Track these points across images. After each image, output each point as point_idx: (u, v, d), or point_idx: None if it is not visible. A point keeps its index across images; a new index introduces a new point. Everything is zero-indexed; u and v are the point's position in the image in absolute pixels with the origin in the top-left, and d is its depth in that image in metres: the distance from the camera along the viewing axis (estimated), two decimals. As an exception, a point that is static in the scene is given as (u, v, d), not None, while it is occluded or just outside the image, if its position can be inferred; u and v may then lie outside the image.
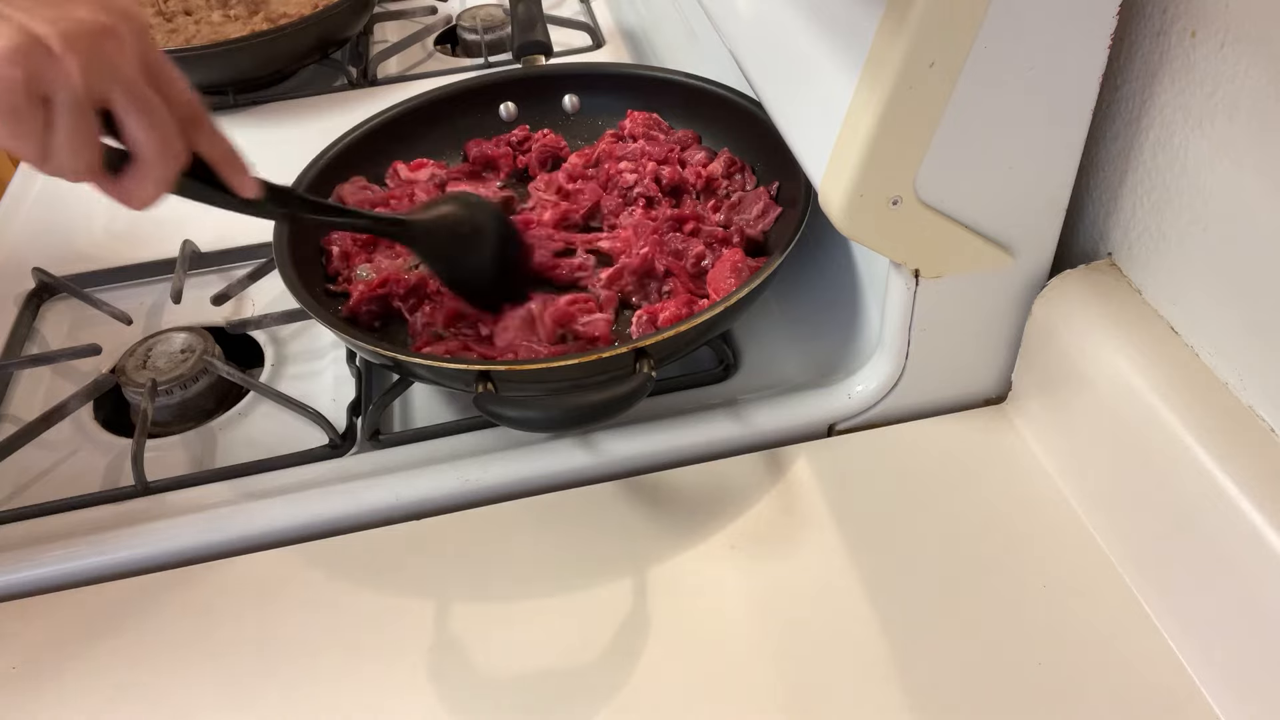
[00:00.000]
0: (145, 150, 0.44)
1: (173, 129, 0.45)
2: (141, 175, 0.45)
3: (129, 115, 0.43)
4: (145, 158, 0.44)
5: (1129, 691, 0.47)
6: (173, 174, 0.46)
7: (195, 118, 0.47)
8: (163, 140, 0.44)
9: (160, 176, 0.45)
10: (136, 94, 0.43)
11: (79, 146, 0.42)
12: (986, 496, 0.56)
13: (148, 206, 0.46)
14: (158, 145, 0.44)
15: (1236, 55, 0.43)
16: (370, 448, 0.62)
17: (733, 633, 0.50)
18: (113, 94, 0.42)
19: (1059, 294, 0.55)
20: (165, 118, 0.44)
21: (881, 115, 0.46)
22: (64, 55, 0.40)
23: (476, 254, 0.63)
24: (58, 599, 0.54)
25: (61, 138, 0.41)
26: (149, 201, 0.46)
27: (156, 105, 0.44)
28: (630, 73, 0.82)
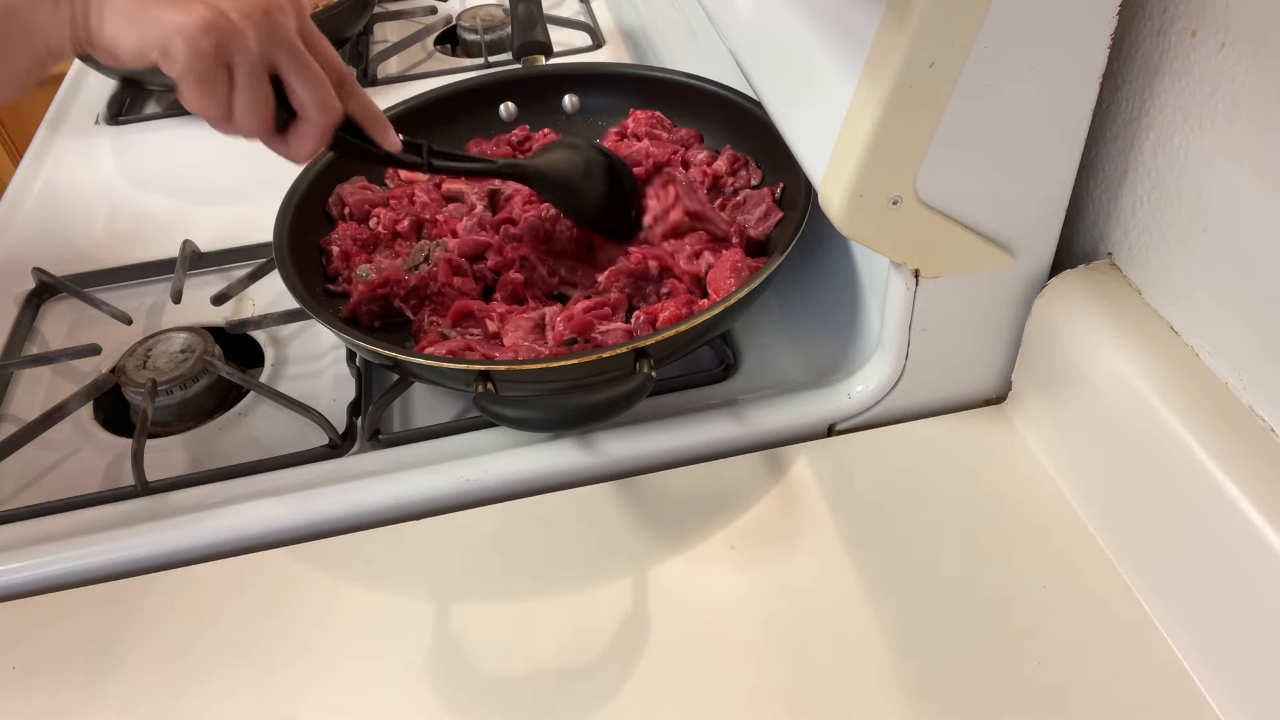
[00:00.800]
0: (308, 108, 0.50)
1: (329, 89, 0.51)
2: (305, 131, 0.51)
3: (295, 77, 0.50)
4: (308, 115, 0.51)
5: (1128, 691, 0.47)
6: (330, 129, 0.52)
7: (344, 81, 0.54)
8: (322, 99, 0.51)
9: (320, 131, 0.51)
10: (300, 59, 0.49)
11: (256, 106, 0.49)
12: (986, 496, 0.56)
13: (308, 159, 0.53)
14: (318, 103, 0.50)
15: (1236, 55, 0.43)
16: (370, 448, 0.62)
17: (732, 632, 0.50)
18: (281, 59, 0.49)
19: (1059, 294, 0.55)
20: (323, 80, 0.51)
21: (881, 115, 0.46)
22: (244, 26, 0.47)
23: (590, 187, 0.67)
24: (58, 599, 0.54)
25: (243, 98, 0.48)
26: (310, 154, 0.53)
27: (316, 69, 0.50)
28: (630, 73, 0.82)
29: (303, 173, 0.70)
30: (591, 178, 0.68)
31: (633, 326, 0.61)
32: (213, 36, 0.46)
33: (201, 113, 0.48)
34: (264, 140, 0.52)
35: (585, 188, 0.68)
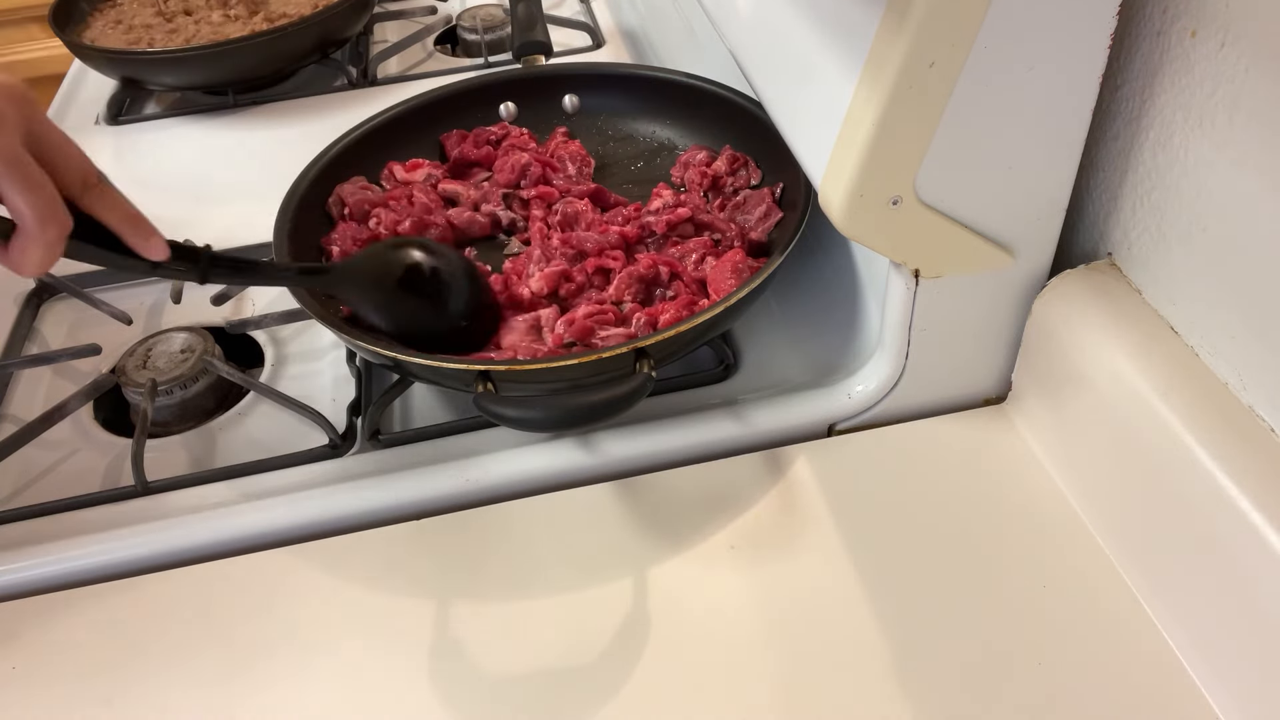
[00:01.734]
0: (25, 220, 0.44)
1: (53, 198, 0.45)
2: (25, 243, 0.45)
3: (4, 185, 0.43)
4: (26, 227, 0.44)
5: (1129, 691, 0.47)
6: (56, 241, 0.45)
7: (89, 184, 0.48)
8: (43, 209, 0.44)
9: (45, 244, 0.45)
10: (12, 164, 0.43)
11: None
12: (986, 496, 0.56)
13: (38, 273, 0.46)
14: (38, 214, 0.44)
15: (1236, 55, 0.43)
16: (370, 448, 0.62)
17: (732, 633, 0.50)
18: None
19: (1059, 294, 0.55)
20: (42, 184, 0.44)
21: (881, 115, 0.46)
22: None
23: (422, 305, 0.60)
24: (58, 599, 0.54)
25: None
26: (38, 269, 0.46)
27: (33, 174, 0.44)
28: (630, 73, 0.82)
29: (303, 173, 0.70)
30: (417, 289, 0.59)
31: (633, 330, 0.61)
32: None
33: None
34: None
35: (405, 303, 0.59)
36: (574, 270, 0.65)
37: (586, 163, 0.77)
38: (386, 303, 0.60)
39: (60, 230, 0.46)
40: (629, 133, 0.81)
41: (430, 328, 0.60)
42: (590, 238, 0.67)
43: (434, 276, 0.60)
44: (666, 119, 0.80)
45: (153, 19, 1.04)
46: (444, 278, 0.61)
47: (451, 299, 0.61)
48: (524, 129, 0.80)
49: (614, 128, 0.81)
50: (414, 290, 0.60)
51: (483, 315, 0.62)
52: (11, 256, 0.46)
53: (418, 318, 0.60)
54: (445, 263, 0.61)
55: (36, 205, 0.44)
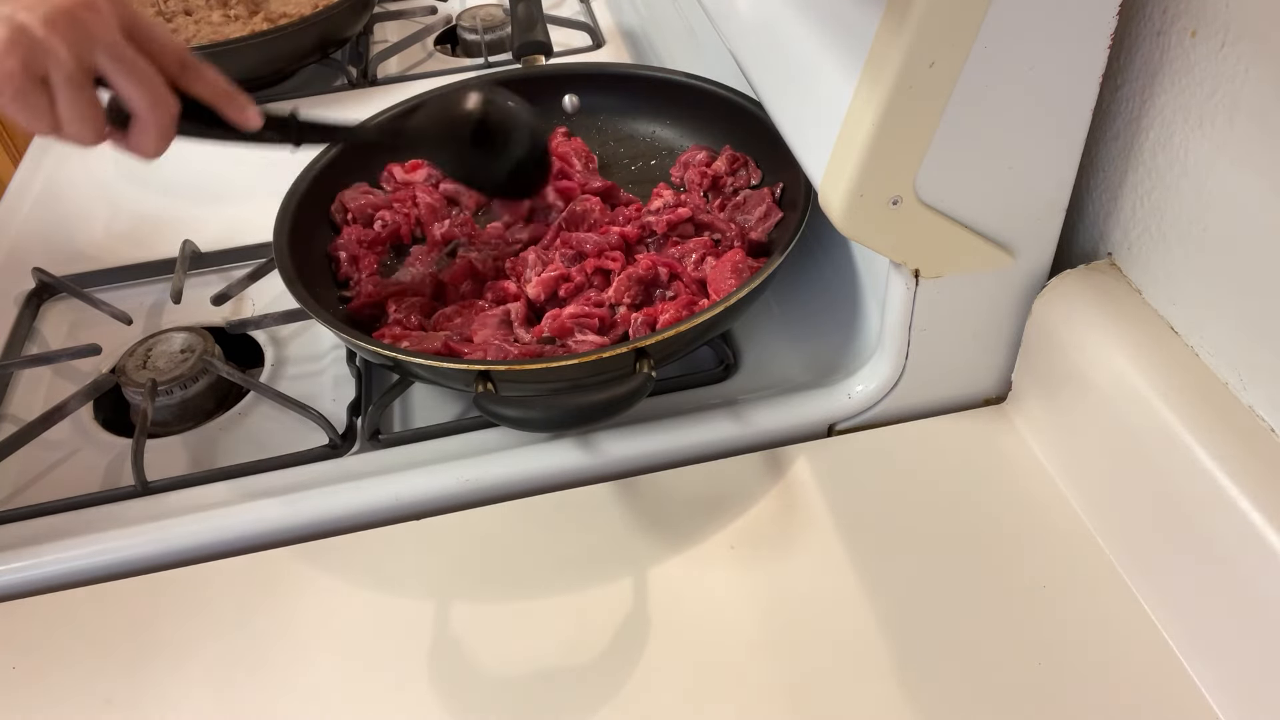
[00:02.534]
0: (138, 105, 0.48)
1: (159, 82, 0.48)
2: (142, 128, 0.49)
3: (116, 78, 0.47)
4: (140, 112, 0.48)
5: (1128, 691, 0.47)
6: (169, 121, 0.49)
7: (184, 63, 0.50)
8: (152, 93, 0.48)
9: (159, 125, 0.49)
10: (120, 57, 0.46)
11: (84, 114, 0.46)
12: (986, 496, 0.56)
13: (157, 155, 0.50)
14: (149, 99, 0.48)
15: (1236, 55, 0.43)
16: (370, 448, 0.62)
17: (732, 632, 0.50)
18: (98, 60, 0.46)
19: (1059, 294, 0.55)
20: (150, 73, 0.48)
21: (881, 115, 0.46)
22: (49, 37, 0.44)
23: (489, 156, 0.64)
24: (58, 599, 0.54)
25: (67, 110, 0.46)
26: (157, 151, 0.50)
27: (140, 63, 0.47)
28: (630, 73, 0.82)
29: (303, 172, 0.70)
30: (485, 142, 0.63)
31: (615, 336, 0.61)
32: (17, 54, 0.43)
33: (29, 129, 0.47)
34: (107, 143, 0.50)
35: (475, 155, 0.63)
36: (573, 270, 0.65)
37: (591, 159, 0.77)
38: (458, 153, 0.64)
39: (170, 114, 0.49)
40: (629, 133, 0.81)
41: (493, 172, 0.64)
42: (590, 239, 0.67)
43: (499, 128, 0.63)
44: (666, 119, 0.80)
45: (152, 19, 1.04)
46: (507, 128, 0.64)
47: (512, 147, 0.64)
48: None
49: (614, 128, 0.81)
50: (481, 141, 0.63)
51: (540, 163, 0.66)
52: (131, 142, 0.50)
53: (484, 164, 0.64)
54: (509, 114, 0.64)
55: (146, 93, 0.48)
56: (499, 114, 0.63)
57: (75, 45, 0.45)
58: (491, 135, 0.63)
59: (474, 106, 0.63)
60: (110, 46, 0.46)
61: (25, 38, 0.44)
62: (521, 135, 0.64)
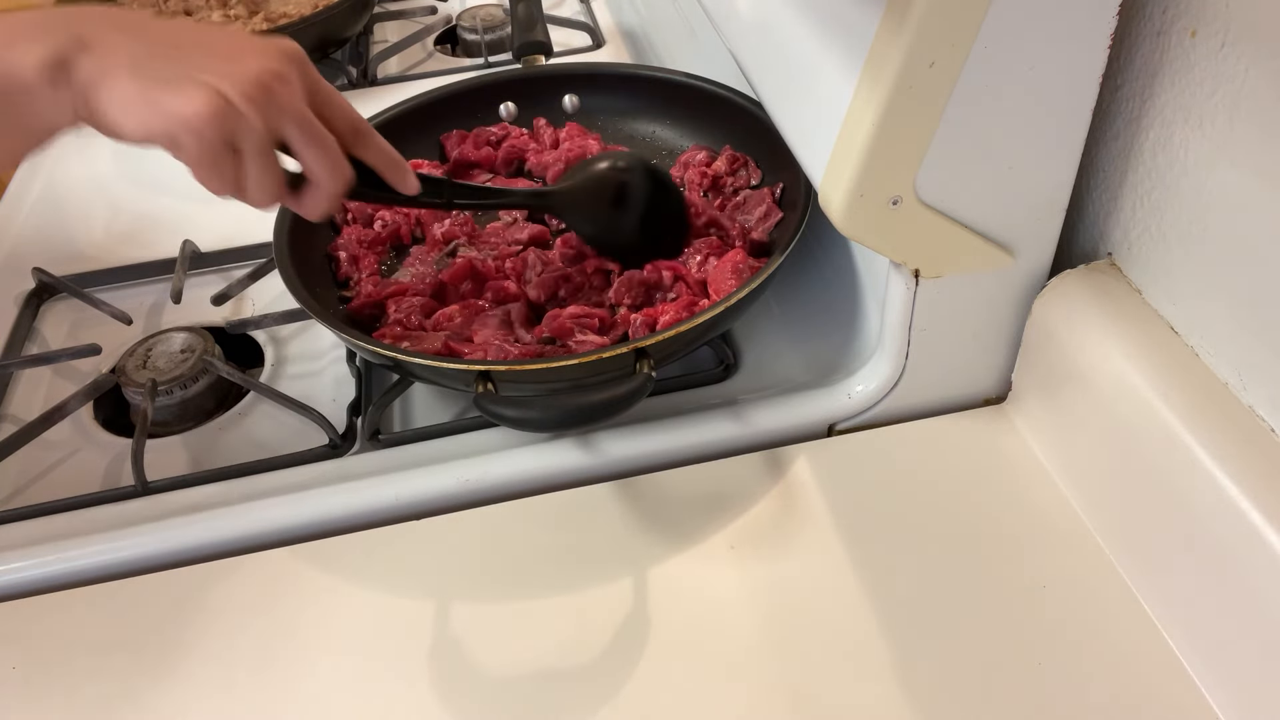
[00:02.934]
0: (317, 174, 0.50)
1: (338, 154, 0.50)
2: (317, 194, 0.51)
3: (302, 149, 0.49)
4: (318, 180, 0.50)
5: (1129, 691, 0.47)
6: (342, 189, 0.51)
7: (358, 131, 0.53)
8: (331, 164, 0.50)
9: (333, 195, 0.51)
10: (306, 129, 0.48)
11: (265, 181, 0.48)
12: (986, 496, 0.56)
13: (325, 217, 0.53)
14: (327, 169, 0.50)
15: (1236, 55, 0.43)
16: (370, 448, 0.62)
17: (732, 632, 0.50)
18: (286, 131, 0.48)
19: (1059, 294, 0.55)
20: (331, 144, 0.49)
21: (881, 115, 0.46)
22: (247, 110, 0.45)
23: (626, 216, 0.65)
24: (58, 599, 0.54)
25: (252, 177, 0.48)
26: (326, 214, 0.52)
27: (323, 134, 0.49)
28: (630, 73, 0.82)
29: (303, 173, 0.70)
30: (628, 203, 0.65)
31: (615, 336, 0.61)
32: (217, 125, 0.45)
33: (213, 191, 0.48)
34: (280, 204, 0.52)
35: (618, 216, 0.65)
36: (573, 271, 0.65)
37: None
38: (602, 219, 0.65)
39: (346, 183, 0.51)
40: (629, 133, 0.81)
41: (633, 238, 0.66)
42: None
43: (638, 193, 0.65)
44: (666, 119, 0.80)
45: (152, 19, 1.04)
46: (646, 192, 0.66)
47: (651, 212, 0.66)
48: (524, 129, 0.80)
49: (614, 128, 0.81)
50: (623, 206, 0.65)
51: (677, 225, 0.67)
52: (303, 204, 0.51)
53: (625, 230, 0.66)
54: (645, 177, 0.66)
55: (327, 164, 0.50)
56: (641, 176, 0.66)
57: (268, 118, 0.46)
58: (633, 197, 0.65)
59: (618, 169, 0.66)
60: (298, 118, 0.48)
61: (228, 108, 0.45)
62: (665, 196, 0.66)
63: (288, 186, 0.50)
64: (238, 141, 0.46)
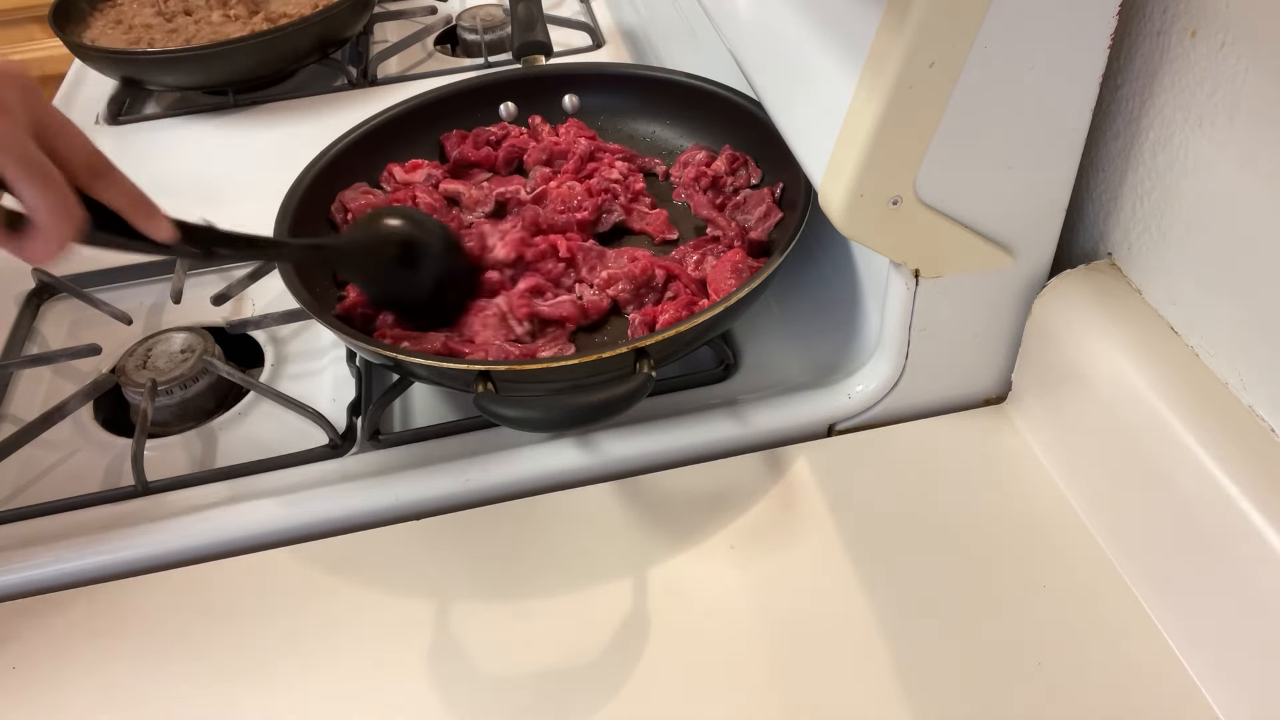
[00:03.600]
0: (39, 215, 0.44)
1: (63, 191, 0.44)
2: (39, 237, 0.45)
3: (19, 184, 0.43)
4: (40, 221, 0.44)
5: (1129, 692, 0.47)
6: (69, 234, 0.45)
7: (97, 169, 0.47)
8: (55, 203, 0.44)
9: (60, 239, 0.45)
10: (25, 163, 0.43)
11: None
12: (986, 496, 0.56)
13: (49, 262, 0.46)
14: (50, 208, 0.44)
15: (1236, 55, 0.43)
16: (370, 448, 0.62)
17: (733, 632, 0.50)
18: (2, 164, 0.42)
19: (1059, 294, 0.55)
20: (54, 180, 0.44)
21: (881, 115, 0.46)
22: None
23: (412, 277, 0.62)
24: (58, 599, 0.54)
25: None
26: (50, 259, 0.46)
27: (47, 171, 0.44)
28: (630, 73, 0.82)
29: (303, 173, 0.70)
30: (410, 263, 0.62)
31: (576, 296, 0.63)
32: None
33: None
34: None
35: (399, 275, 0.62)
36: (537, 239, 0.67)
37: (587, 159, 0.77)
38: (380, 274, 0.62)
39: (74, 225, 0.46)
40: (629, 133, 0.81)
41: (416, 297, 0.63)
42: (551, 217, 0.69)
43: (425, 252, 0.62)
44: (666, 119, 0.80)
45: (153, 19, 1.04)
46: (432, 250, 0.63)
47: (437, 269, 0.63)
48: (524, 129, 0.80)
49: (614, 128, 0.81)
50: (405, 262, 0.62)
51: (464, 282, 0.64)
52: (25, 249, 0.45)
53: (407, 287, 0.63)
54: (430, 235, 0.63)
55: (51, 202, 0.44)
56: (424, 233, 0.62)
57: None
58: (417, 254, 0.62)
59: (398, 225, 0.62)
60: (16, 151, 0.42)
61: None
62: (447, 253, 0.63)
63: (4, 227, 0.45)
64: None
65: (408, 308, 0.63)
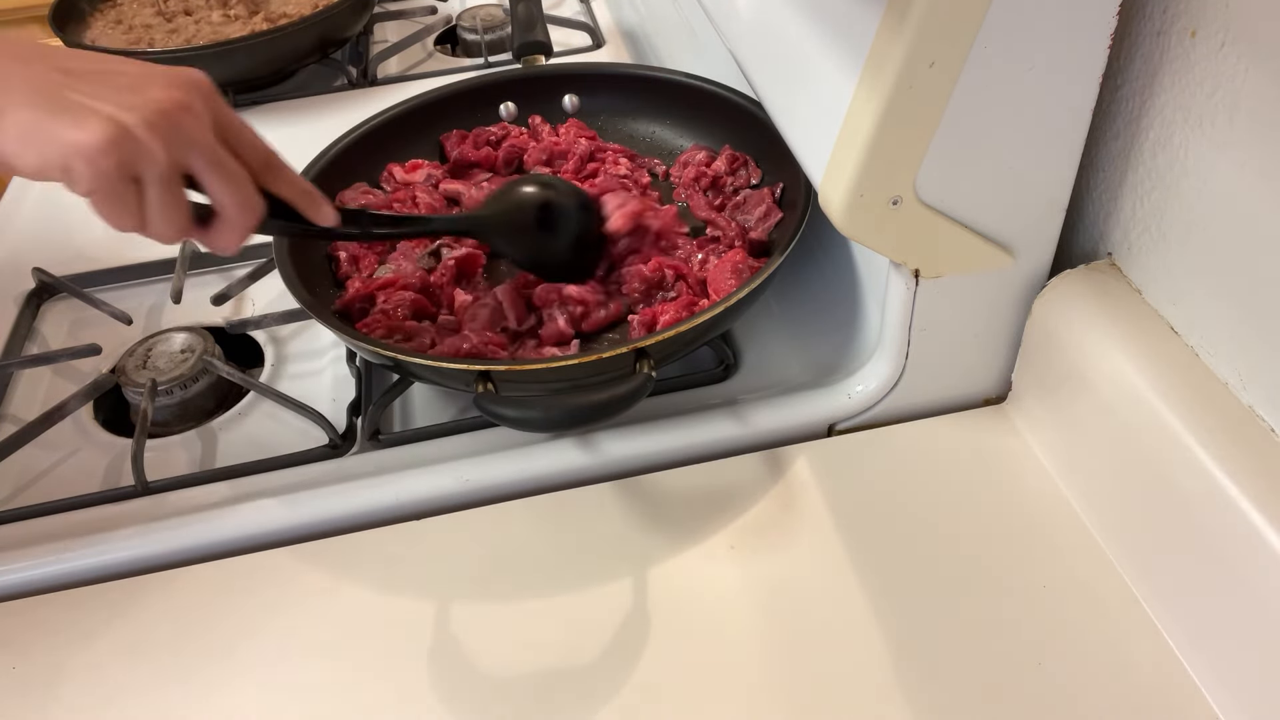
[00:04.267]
0: (226, 208, 0.48)
1: (248, 186, 0.48)
2: (226, 228, 0.49)
3: (209, 180, 0.47)
4: (227, 214, 0.48)
5: (1129, 692, 0.47)
6: (253, 224, 0.49)
7: (270, 164, 0.51)
8: (241, 197, 0.48)
9: (242, 227, 0.49)
10: (213, 159, 0.47)
11: (170, 214, 0.46)
12: (986, 496, 0.56)
13: (233, 252, 0.50)
14: (237, 202, 0.48)
15: (1236, 55, 0.43)
16: (370, 448, 0.62)
17: (733, 632, 0.50)
18: (192, 162, 0.46)
19: (1059, 294, 0.55)
20: (240, 176, 0.48)
21: (881, 115, 0.46)
22: (148, 139, 0.44)
23: (552, 239, 0.65)
24: (58, 599, 0.54)
25: (155, 209, 0.46)
26: (235, 248, 0.50)
27: (232, 166, 0.48)
28: (630, 73, 0.82)
29: (303, 172, 0.70)
30: (549, 225, 0.65)
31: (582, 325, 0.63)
32: (115, 155, 0.43)
33: (113, 225, 0.46)
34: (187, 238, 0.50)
35: (540, 238, 0.65)
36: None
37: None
38: (524, 241, 0.65)
39: (257, 217, 0.49)
40: (629, 133, 0.81)
41: (558, 258, 0.66)
42: None
43: (561, 214, 0.65)
44: (666, 119, 0.80)
45: (153, 19, 1.04)
46: (568, 213, 0.65)
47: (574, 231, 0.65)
48: (524, 129, 0.80)
49: (614, 128, 0.81)
50: (545, 228, 0.65)
51: (598, 244, 0.67)
52: (211, 239, 0.49)
53: (548, 250, 0.65)
54: (565, 196, 0.66)
55: (236, 196, 0.48)
56: (560, 198, 0.65)
57: (171, 148, 0.45)
58: (555, 219, 0.65)
59: (535, 191, 0.65)
60: (204, 149, 0.46)
61: (126, 138, 0.43)
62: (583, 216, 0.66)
63: (195, 220, 0.48)
64: (139, 172, 0.44)
65: (550, 267, 0.65)
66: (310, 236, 0.55)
